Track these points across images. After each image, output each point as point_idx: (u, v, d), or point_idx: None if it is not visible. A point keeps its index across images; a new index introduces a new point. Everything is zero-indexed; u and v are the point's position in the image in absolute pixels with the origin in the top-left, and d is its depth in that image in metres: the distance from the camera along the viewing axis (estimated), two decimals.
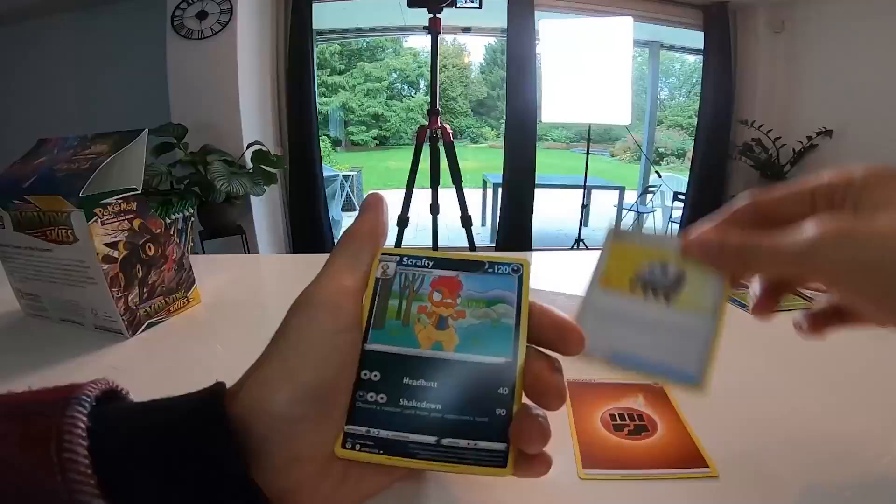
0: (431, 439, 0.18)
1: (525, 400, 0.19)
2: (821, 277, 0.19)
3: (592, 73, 2.65)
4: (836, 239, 0.17)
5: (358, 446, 0.18)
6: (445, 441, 0.18)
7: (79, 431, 0.15)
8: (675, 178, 4.66)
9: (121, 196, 0.42)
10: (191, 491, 0.15)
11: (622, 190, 4.41)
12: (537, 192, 3.34)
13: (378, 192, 0.22)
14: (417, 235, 3.45)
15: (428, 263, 0.21)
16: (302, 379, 0.18)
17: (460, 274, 0.21)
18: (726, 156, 3.34)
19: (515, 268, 0.21)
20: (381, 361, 0.19)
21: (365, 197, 0.22)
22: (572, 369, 0.21)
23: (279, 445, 0.17)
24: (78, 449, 0.14)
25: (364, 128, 11.22)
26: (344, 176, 5.24)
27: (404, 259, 0.21)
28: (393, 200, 0.22)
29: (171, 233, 0.48)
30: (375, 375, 0.19)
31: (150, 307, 0.45)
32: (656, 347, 0.20)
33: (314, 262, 0.21)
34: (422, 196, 2.06)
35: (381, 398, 0.19)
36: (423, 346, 0.19)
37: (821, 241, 0.18)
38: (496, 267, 0.21)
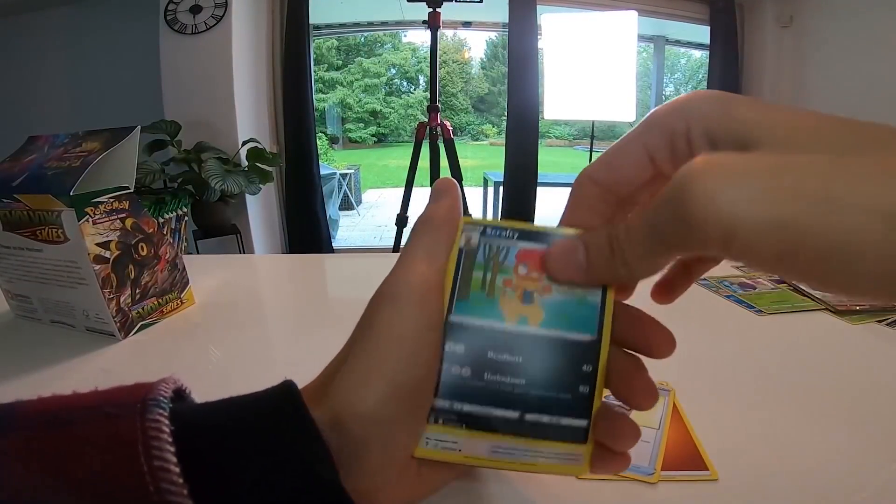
0: (515, 414, 0.19)
1: (613, 399, 0.20)
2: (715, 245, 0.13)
3: (596, 69, 2.65)
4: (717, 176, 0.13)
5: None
6: (529, 416, 0.19)
7: (165, 437, 0.15)
8: None
9: (113, 195, 0.42)
10: (280, 496, 0.15)
11: None
12: (539, 190, 3.34)
13: (450, 178, 0.22)
14: None
15: (513, 234, 0.20)
16: (396, 378, 0.17)
17: (546, 247, 0.20)
18: None
19: None
20: (465, 334, 0.19)
21: (437, 182, 0.22)
22: None
23: (376, 448, 0.17)
24: (167, 456, 0.14)
25: (362, 125, 11.22)
26: (341, 174, 5.24)
27: (488, 230, 0.21)
28: (391, 199, 0.22)
29: (165, 232, 0.48)
30: (460, 348, 0.19)
31: (142, 308, 0.45)
32: None
33: (311, 263, 0.21)
34: (421, 195, 2.05)
35: (466, 371, 0.19)
36: (507, 320, 0.19)
37: (697, 194, 0.13)
38: None
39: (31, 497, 0.14)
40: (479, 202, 4.72)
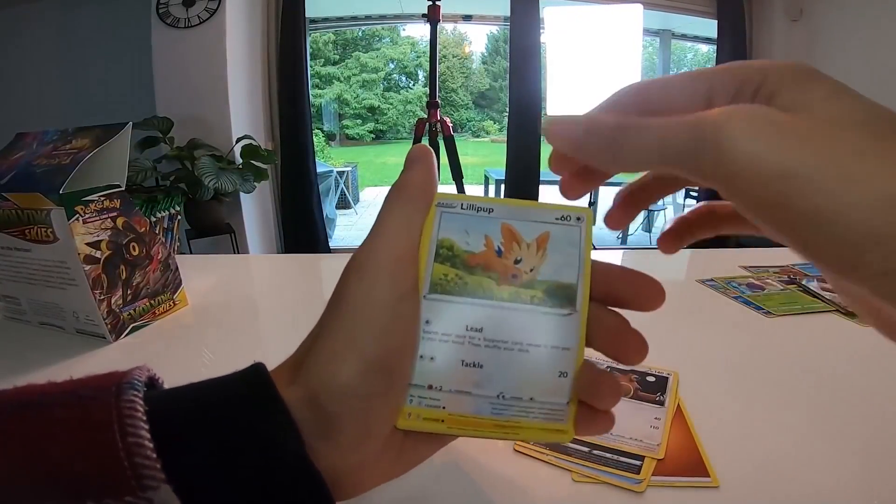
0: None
1: (600, 357, 0.20)
2: (717, 179, 0.14)
3: (600, 64, 2.65)
4: (749, 125, 0.14)
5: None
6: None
7: (139, 415, 0.15)
8: None
9: (103, 193, 0.42)
10: (249, 472, 0.16)
11: None
12: (542, 188, 3.34)
13: (425, 145, 0.21)
14: None
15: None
16: (369, 351, 0.17)
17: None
18: None
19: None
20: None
21: (411, 150, 0.21)
22: None
23: (352, 422, 0.17)
24: (142, 433, 0.15)
25: (359, 121, 11.23)
26: (338, 172, 5.24)
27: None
28: None
29: (157, 232, 0.48)
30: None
31: (134, 310, 0.45)
32: None
33: (307, 263, 0.21)
34: None
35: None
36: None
37: (728, 126, 0.14)
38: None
39: (4, 478, 0.14)
40: None
